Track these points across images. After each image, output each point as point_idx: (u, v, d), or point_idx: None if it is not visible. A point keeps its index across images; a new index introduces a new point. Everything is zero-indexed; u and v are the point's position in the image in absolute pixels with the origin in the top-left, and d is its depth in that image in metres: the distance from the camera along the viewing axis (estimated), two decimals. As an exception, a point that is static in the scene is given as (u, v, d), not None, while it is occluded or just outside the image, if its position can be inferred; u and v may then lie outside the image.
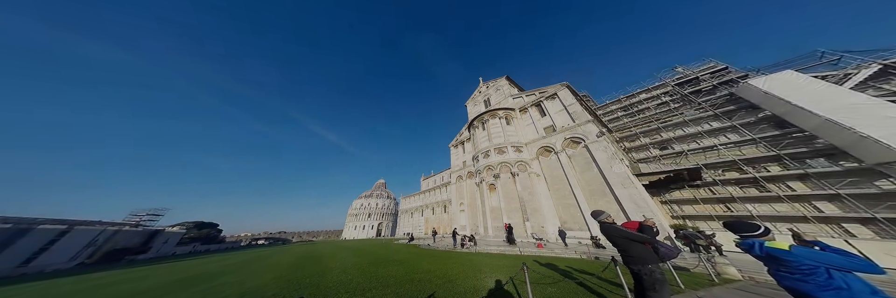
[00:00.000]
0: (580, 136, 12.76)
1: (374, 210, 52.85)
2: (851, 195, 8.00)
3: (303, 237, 72.62)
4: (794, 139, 9.57)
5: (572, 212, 11.20)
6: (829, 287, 1.46)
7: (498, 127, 17.82)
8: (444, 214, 26.60)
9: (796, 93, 9.39)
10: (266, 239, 64.15)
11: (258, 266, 9.41)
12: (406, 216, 37.54)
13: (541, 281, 4.02)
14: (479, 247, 9.82)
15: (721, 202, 10.55)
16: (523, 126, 17.66)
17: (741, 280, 4.20)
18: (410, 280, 4.74)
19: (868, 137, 7.47)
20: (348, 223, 52.16)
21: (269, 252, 18.48)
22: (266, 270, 7.85)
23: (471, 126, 20.96)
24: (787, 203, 9.00)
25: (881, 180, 7.79)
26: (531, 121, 17.28)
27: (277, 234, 73.29)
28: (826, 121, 8.33)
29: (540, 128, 16.22)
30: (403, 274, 5.40)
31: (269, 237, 67.58)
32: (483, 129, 18.92)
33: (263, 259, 12.18)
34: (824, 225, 8.33)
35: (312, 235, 76.33)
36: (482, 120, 19.38)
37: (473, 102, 25.31)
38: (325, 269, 6.88)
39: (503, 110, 18.82)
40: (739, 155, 10.47)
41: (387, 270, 6.08)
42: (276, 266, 8.83)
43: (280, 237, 69.23)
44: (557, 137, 14.08)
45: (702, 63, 14.69)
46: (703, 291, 3.58)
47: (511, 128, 17.66)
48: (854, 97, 8.43)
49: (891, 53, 9.46)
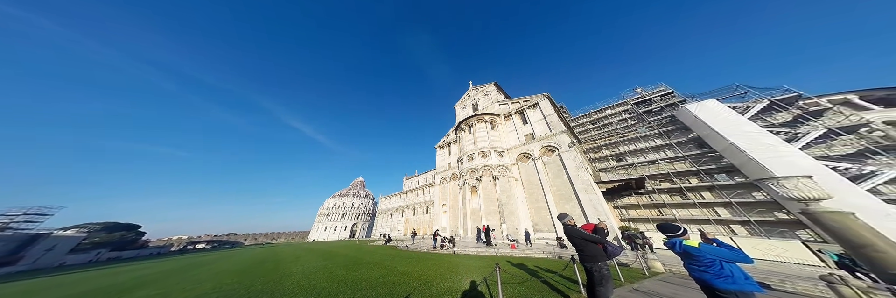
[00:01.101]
0: (555, 145, 14.28)
1: (349, 210, 50.49)
2: (738, 203, 10.70)
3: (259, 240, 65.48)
4: (709, 158, 12.25)
5: (543, 215, 12.62)
6: (721, 275, 1.95)
7: (484, 131, 18.74)
8: (426, 215, 27.05)
9: (715, 119, 11.99)
10: (209, 242, 55.37)
11: (194, 274, 8.39)
12: (384, 217, 37.00)
13: (511, 281, 4.27)
14: (457, 248, 10.14)
15: (656, 207, 13.03)
16: (506, 132, 18.87)
17: (664, 273, 5.38)
18: (384, 283, 4.65)
19: (753, 159, 10.06)
20: (317, 223, 49.00)
21: (212, 258, 16.66)
22: (206, 278, 7.02)
23: (458, 129, 21.56)
24: (699, 209, 11.59)
25: (756, 192, 10.57)
26: (514, 128, 18.56)
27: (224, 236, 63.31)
28: (730, 145, 10.90)
29: (521, 135, 17.56)
30: (377, 277, 5.26)
31: (214, 240, 58.39)
32: (469, 132, 19.67)
33: (202, 266, 10.97)
34: (721, 226, 10.98)
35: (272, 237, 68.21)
36: (469, 123, 20.11)
37: (462, 105, 25.95)
38: (284, 274, 6.43)
39: (490, 115, 19.79)
40: (672, 169, 12.99)
41: (359, 273, 5.85)
42: (221, 273, 7.98)
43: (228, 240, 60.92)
44: (536, 144, 15.48)
45: (656, 86, 17.45)
46: (637, 283, 4.36)
47: (495, 133, 18.73)
48: (749, 126, 11.15)
49: (778, 91, 12.68)
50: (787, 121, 11.77)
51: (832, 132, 10.31)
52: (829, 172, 8.80)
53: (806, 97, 11.85)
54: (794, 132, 10.89)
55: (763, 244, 7.83)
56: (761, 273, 5.33)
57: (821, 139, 10.51)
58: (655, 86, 17.21)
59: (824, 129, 10.37)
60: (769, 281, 4.62)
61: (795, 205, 5.58)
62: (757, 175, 10.01)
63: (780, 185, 5.01)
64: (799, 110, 11.64)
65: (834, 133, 10.29)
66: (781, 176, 5.19)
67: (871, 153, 9.52)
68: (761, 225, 10.06)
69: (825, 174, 8.61)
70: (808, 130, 10.67)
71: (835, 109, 11.11)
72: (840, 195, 7.78)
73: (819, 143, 10.56)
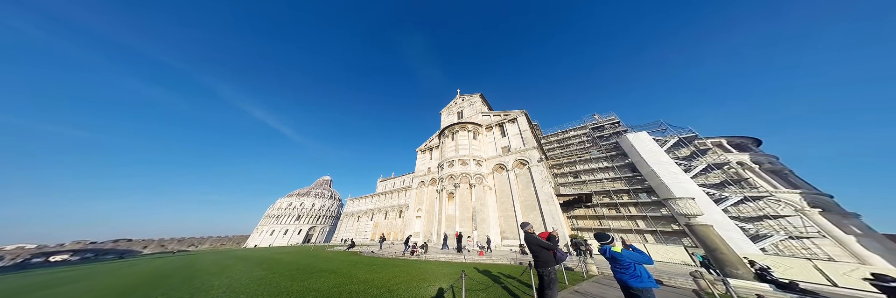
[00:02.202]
0: (526, 159, 16.15)
1: (307, 211, 45.22)
2: (651, 217, 14.09)
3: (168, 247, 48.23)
4: (637, 180, 15.74)
5: (510, 223, 14.12)
6: (634, 276, 2.43)
7: (466, 139, 19.78)
8: (399, 219, 26.60)
9: (643, 149, 15.54)
10: (77, 252, 38.06)
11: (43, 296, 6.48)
12: (350, 220, 34.70)
13: (475, 288, 4.39)
14: (429, 255, 10.27)
15: (598, 218, 16.00)
16: (486, 143, 20.32)
17: (597, 275, 6.65)
18: (340, 293, 4.32)
19: (663, 183, 13.45)
20: (262, 226, 42.50)
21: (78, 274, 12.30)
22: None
23: (442, 134, 22.16)
24: (627, 220, 14.78)
25: (663, 208, 14.11)
26: (493, 139, 20.14)
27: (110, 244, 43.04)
28: (651, 170, 14.32)
29: (499, 147, 19.19)
30: (332, 286, 4.87)
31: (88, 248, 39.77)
32: (452, 139, 20.47)
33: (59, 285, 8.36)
34: (639, 235, 14.21)
35: (191, 242, 53.71)
36: (453, 130, 20.93)
37: (448, 112, 26.71)
38: (198, 290, 5.41)
39: (473, 125, 21.00)
40: (612, 187, 16.20)
41: (308, 283, 5.31)
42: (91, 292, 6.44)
43: (113, 249, 41.73)
44: (511, 157, 17.19)
45: (609, 114, 21.35)
46: (577, 285, 4.99)
47: (476, 142, 19.98)
48: (664, 157, 14.85)
49: (685, 131, 17.06)
50: (687, 155, 16.05)
51: (710, 167, 14.58)
52: (704, 195, 12.50)
53: (700, 138, 16.40)
54: (688, 164, 14.97)
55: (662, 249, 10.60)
56: (657, 272, 7.33)
57: (703, 171, 14.71)
58: (609, 114, 21.09)
59: (706, 164, 14.59)
60: (662, 278, 6.43)
61: (683, 219, 7.94)
62: (664, 195, 13.41)
63: (675, 203, 7.13)
64: (694, 148, 16.03)
65: (710, 167, 14.57)
66: (677, 197, 7.39)
67: (727, 184, 13.84)
68: (664, 234, 13.46)
69: (701, 197, 12.22)
70: (697, 163, 14.81)
71: (713, 149, 15.73)
72: (707, 213, 11.26)
73: (702, 174, 14.75)
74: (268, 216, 43.47)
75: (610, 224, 15.28)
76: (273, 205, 45.08)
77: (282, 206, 44.56)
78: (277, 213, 43.54)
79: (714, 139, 17.11)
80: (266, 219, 43.16)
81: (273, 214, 43.42)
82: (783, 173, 14.83)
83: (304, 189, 48.93)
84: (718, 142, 16.97)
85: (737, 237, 10.88)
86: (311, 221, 45.04)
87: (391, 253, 11.56)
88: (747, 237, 11.26)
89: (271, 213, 43.63)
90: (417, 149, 26.21)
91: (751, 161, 15.33)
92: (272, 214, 43.44)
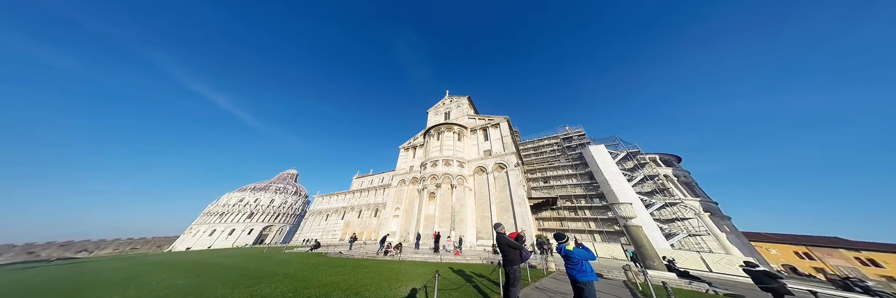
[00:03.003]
0: (505, 163, 17.41)
1: (263, 208, 39.51)
2: (601, 219, 16.83)
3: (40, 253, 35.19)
4: (593, 187, 18.50)
5: (486, 224, 15.14)
6: (581, 271, 2.80)
7: (451, 140, 20.17)
8: (374, 218, 25.64)
9: (600, 160, 18.31)
10: None
11: None
12: (317, 219, 31.89)
13: (448, 287, 4.46)
14: (404, 255, 10.23)
15: (560, 220, 18.33)
16: (470, 145, 21.08)
17: (555, 272, 7.67)
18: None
19: (611, 190, 16.18)
20: (198, 225, 35.72)
21: None
22: None
23: (427, 133, 22.07)
24: (583, 222, 17.32)
25: (609, 212, 16.99)
26: (477, 142, 21.01)
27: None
28: (605, 179, 17.03)
29: (481, 150, 20.14)
30: (286, 292, 4.51)
31: None
32: (438, 139, 20.62)
33: None
34: (590, 235, 16.83)
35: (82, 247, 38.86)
36: (439, 130, 21.06)
37: (435, 112, 26.64)
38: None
39: (459, 127, 21.49)
40: (574, 192, 18.68)
41: (255, 289, 4.83)
42: None
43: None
44: (491, 160, 18.27)
45: (577, 127, 24.29)
46: (537, 282, 5.40)
47: (461, 144, 20.56)
48: (614, 168, 17.79)
49: (632, 146, 20.70)
50: (631, 167, 19.49)
51: (645, 177, 18.06)
52: (639, 201, 15.52)
53: (642, 153, 20.05)
54: (631, 175, 18.27)
55: (606, 247, 12.87)
56: (599, 267, 8.93)
57: (640, 181, 18.14)
58: (577, 127, 24.00)
59: (643, 175, 18.02)
60: (602, 272, 7.86)
61: (622, 221, 9.91)
62: (611, 201, 16.16)
63: (618, 208, 8.77)
64: (636, 161, 19.57)
65: (646, 178, 18.06)
66: (620, 202, 9.08)
67: (655, 192, 17.40)
68: (608, 234, 16.26)
69: (637, 203, 15.15)
70: (638, 175, 18.17)
71: (649, 163, 19.46)
72: (639, 216, 14.11)
73: (639, 183, 18.16)
74: (208, 213, 36.73)
75: (569, 225, 17.71)
76: (217, 201, 38.26)
77: (229, 202, 38.16)
78: (222, 210, 37.09)
79: (651, 155, 21.15)
80: (205, 217, 36.42)
81: (216, 211, 36.85)
82: (691, 185, 19.33)
83: (263, 183, 42.74)
84: (654, 157, 21.05)
85: (656, 235, 13.89)
86: (267, 219, 39.48)
87: (362, 254, 11.19)
88: (663, 235, 14.48)
89: (213, 210, 36.97)
90: (401, 146, 25.58)
91: (672, 174, 19.50)
92: (214, 211, 36.83)
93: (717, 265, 10.16)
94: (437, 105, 27.22)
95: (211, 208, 37.42)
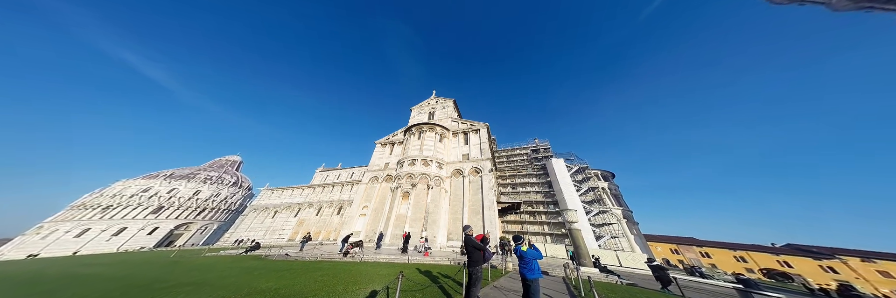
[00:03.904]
0: (481, 168, 18.63)
1: (182, 201, 31.23)
2: (553, 223, 19.72)
3: None
4: (550, 194, 21.49)
5: (458, 225, 15.95)
6: (530, 269, 3.12)
7: (432, 141, 20.32)
8: (336, 216, 23.50)
9: (558, 172, 21.44)
10: None
11: None
12: (262, 216, 27.21)
13: (413, 288, 4.37)
14: (367, 256, 9.79)
15: (521, 223, 20.66)
16: (450, 148, 21.67)
17: (512, 271, 7.90)
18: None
19: (563, 198, 19.18)
20: (59, 221, 26.10)
21: None
22: None
23: (408, 131, 21.63)
24: (539, 225, 19.92)
25: (559, 217, 20.07)
26: (457, 145, 21.75)
27: None
28: (560, 188, 20.02)
29: (460, 153, 20.97)
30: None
31: None
32: (419, 138, 20.47)
33: None
34: (544, 237, 19.52)
35: None
36: (421, 129, 20.94)
37: (420, 110, 26.23)
38: None
39: (441, 128, 21.80)
40: (535, 199, 21.28)
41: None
42: None
43: None
44: (469, 164, 19.26)
45: (544, 141, 27.62)
46: (496, 281, 5.66)
47: (442, 145, 20.93)
48: (568, 180, 21.09)
49: (583, 161, 24.83)
50: (580, 179, 23.39)
51: (589, 189, 21.98)
52: (582, 208, 18.87)
53: (590, 168, 24.24)
54: (580, 186, 21.97)
55: (554, 248, 15.25)
56: (546, 266, 10.57)
57: (585, 192, 21.98)
58: (544, 140, 27.33)
59: (588, 187, 21.90)
60: (548, 270, 9.21)
61: (568, 225, 12.05)
62: (562, 207, 19.14)
63: (566, 213, 10.61)
64: (585, 175, 23.61)
65: (590, 189, 21.99)
66: (569, 209, 10.99)
67: (594, 201, 21.40)
68: (557, 236, 19.16)
69: (580, 210, 18.41)
70: (584, 186, 21.95)
71: (594, 177, 23.75)
72: (580, 221, 17.31)
73: (584, 193, 21.99)
74: (80, 206, 26.79)
75: (528, 228, 20.15)
76: (101, 190, 28.38)
77: (124, 192, 28.73)
78: (108, 202, 27.82)
79: (595, 170, 25.76)
80: (73, 212, 26.34)
81: (95, 203, 27.23)
82: (618, 197, 24.42)
83: (186, 170, 33.57)
84: (597, 172, 25.71)
85: (590, 237, 17.20)
86: (186, 215, 31.11)
87: (317, 255, 10.28)
88: (595, 237, 18.00)
89: (92, 202, 27.22)
90: (377, 141, 24.30)
91: (608, 187, 24.27)
92: (93, 203, 27.17)
93: (626, 260, 13.32)
94: (422, 104, 26.88)
95: (87, 199, 27.68)
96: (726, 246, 30.00)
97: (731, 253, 28.96)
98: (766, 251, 28.09)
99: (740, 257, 28.39)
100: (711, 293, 7.63)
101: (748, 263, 27.69)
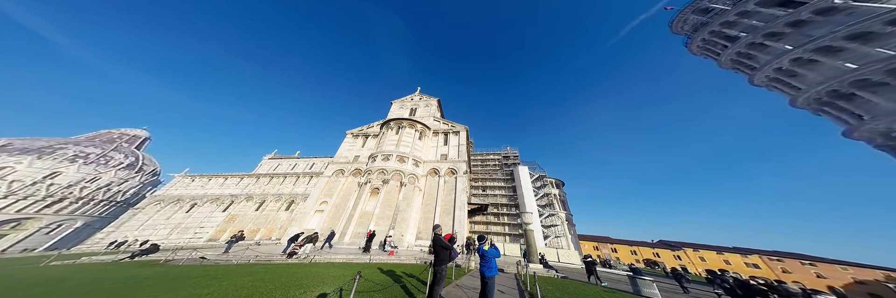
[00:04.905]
0: (456, 169, 19.21)
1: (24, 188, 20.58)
2: (513, 224, 21.83)
3: None
4: (513, 198, 23.76)
5: (428, 225, 15.99)
6: (488, 267, 3.42)
7: (411, 137, 19.85)
8: (284, 212, 20.06)
9: (522, 178, 23.93)
10: None
11: None
12: (168, 209, 20.99)
13: (372, 289, 4.12)
14: (321, 256, 8.93)
15: (487, 224, 22.11)
16: (429, 146, 21.58)
17: (474, 269, 8.32)
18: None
19: (524, 202, 21.51)
20: None
21: None
22: None
23: (386, 124, 20.56)
24: (502, 226, 21.70)
25: (519, 218, 22.37)
26: (436, 144, 21.83)
27: None
28: (522, 193, 22.36)
29: (439, 153, 21.13)
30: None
31: None
32: (396, 133, 19.70)
33: None
34: (504, 237, 21.33)
35: None
36: (400, 124, 20.22)
37: (401, 105, 25.24)
38: None
39: (422, 126, 21.53)
40: (501, 201, 23.13)
41: None
42: None
43: None
44: (446, 164, 19.59)
45: (514, 148, 30.28)
46: (459, 279, 5.84)
47: (421, 143, 20.64)
48: (529, 186, 23.67)
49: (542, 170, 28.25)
50: (539, 186, 26.60)
51: (544, 195, 25.23)
52: (537, 211, 21.55)
53: (547, 176, 27.80)
54: (538, 192, 25.00)
55: (512, 247, 16.89)
56: (503, 264, 11.75)
57: (541, 197, 25.14)
58: (515, 148, 29.99)
59: (544, 193, 25.11)
60: (503, 267, 10.31)
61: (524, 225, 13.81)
62: (522, 210, 21.43)
63: (524, 215, 12.07)
64: (543, 182, 26.98)
65: (545, 195, 25.25)
66: (526, 212, 12.53)
67: (547, 206, 24.68)
68: (515, 236, 21.25)
69: (535, 213, 21.02)
70: (542, 192, 25.07)
71: (549, 184, 27.36)
72: (534, 222, 19.85)
73: (540, 198, 25.10)
74: None
75: (493, 229, 21.70)
76: None
77: None
78: None
79: (551, 178, 29.72)
80: None
81: None
82: (565, 202, 28.78)
83: (39, 141, 22.58)
84: (552, 180, 29.72)
85: (540, 237, 19.76)
86: (27, 208, 21.04)
87: (248, 257, 8.88)
88: (543, 237, 20.76)
89: None
90: (349, 131, 22.16)
91: (558, 194, 28.33)
92: None
93: (563, 257, 15.89)
94: (404, 99, 25.93)
95: None
96: (626, 243, 39.82)
97: (629, 248, 38.18)
98: (646, 245, 38.43)
99: (634, 251, 37.97)
100: (615, 280, 10.22)
101: (637, 255, 37.43)
